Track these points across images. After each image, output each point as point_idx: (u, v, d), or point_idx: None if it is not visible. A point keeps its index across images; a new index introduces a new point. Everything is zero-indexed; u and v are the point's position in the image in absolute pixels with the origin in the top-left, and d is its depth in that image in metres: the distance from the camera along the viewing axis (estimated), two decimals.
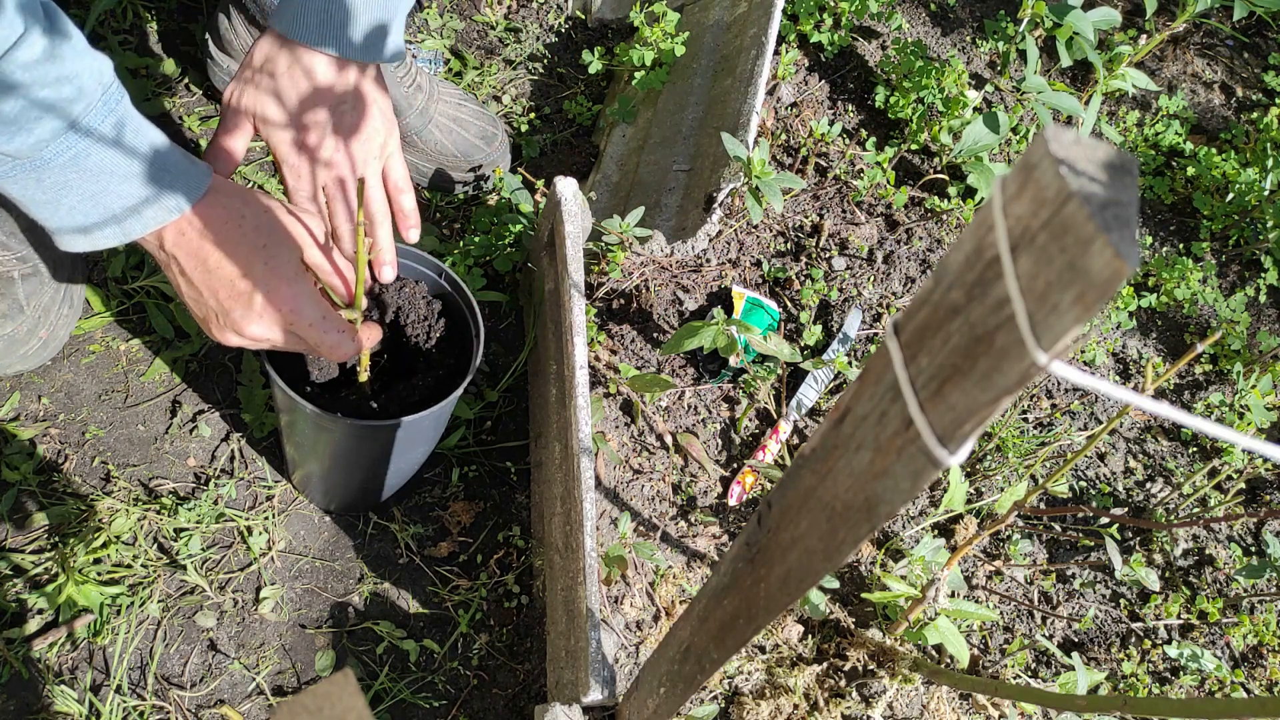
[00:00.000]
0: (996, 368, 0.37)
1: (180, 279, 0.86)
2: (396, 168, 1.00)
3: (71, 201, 0.79)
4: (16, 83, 0.71)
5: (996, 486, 1.35)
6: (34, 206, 0.79)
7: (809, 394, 1.33)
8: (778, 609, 0.59)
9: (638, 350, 1.31)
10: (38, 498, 1.17)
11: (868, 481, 0.47)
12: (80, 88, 0.75)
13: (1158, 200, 1.73)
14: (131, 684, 1.11)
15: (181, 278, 0.86)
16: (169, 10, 1.48)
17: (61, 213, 0.79)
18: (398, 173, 1.00)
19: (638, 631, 1.13)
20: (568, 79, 1.72)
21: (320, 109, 0.92)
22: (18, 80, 0.71)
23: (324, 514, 1.25)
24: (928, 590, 1.11)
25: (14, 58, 0.70)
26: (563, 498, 1.14)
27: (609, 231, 1.29)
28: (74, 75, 0.75)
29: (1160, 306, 1.60)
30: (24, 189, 0.77)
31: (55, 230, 0.81)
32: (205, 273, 0.84)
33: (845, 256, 1.44)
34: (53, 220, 0.80)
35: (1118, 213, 0.31)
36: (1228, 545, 1.43)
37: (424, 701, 1.17)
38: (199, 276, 0.85)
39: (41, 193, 0.78)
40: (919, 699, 1.18)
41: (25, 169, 0.76)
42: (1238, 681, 1.29)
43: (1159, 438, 1.49)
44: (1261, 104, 1.91)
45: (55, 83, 0.73)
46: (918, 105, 1.53)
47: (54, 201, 0.78)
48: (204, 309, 0.87)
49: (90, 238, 0.81)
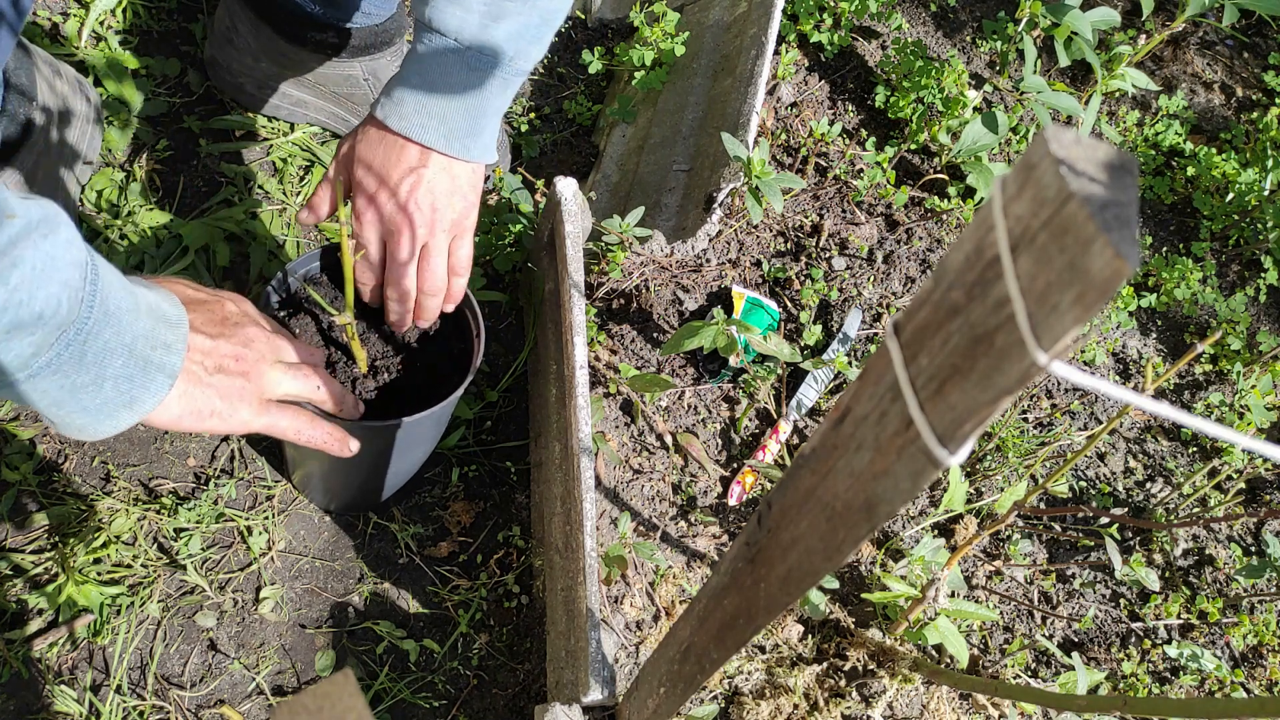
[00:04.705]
0: (996, 368, 0.37)
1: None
2: (463, 248, 1.03)
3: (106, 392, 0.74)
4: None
5: (996, 486, 1.35)
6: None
7: (809, 394, 1.33)
8: (778, 609, 0.59)
9: (638, 350, 1.31)
10: (38, 498, 1.17)
11: (868, 481, 0.47)
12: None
13: (1158, 200, 1.73)
14: (131, 684, 1.11)
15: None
16: (169, 10, 1.48)
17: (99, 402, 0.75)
18: (462, 253, 1.03)
19: (638, 631, 1.13)
20: (568, 79, 1.72)
21: (406, 176, 0.97)
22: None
23: (324, 514, 1.25)
24: (928, 590, 1.11)
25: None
26: (563, 498, 1.14)
27: (609, 231, 1.29)
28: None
29: (1160, 306, 1.60)
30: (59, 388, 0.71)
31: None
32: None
33: (845, 256, 1.44)
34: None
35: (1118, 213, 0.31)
36: (1228, 545, 1.43)
37: (424, 701, 1.17)
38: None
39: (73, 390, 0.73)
40: (919, 699, 1.18)
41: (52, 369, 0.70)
42: (1238, 681, 1.29)
43: (1159, 438, 1.49)
44: (1261, 104, 1.91)
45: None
46: (918, 105, 1.53)
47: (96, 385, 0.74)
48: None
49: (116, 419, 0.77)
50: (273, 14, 1.30)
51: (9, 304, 0.63)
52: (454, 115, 0.96)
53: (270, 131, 1.44)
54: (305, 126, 1.46)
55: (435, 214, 0.98)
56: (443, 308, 1.06)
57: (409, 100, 0.96)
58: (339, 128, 1.45)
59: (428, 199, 0.97)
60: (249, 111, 1.44)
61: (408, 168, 0.97)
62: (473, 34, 0.92)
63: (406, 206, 0.97)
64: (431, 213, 0.98)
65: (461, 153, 0.98)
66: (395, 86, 0.97)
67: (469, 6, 0.91)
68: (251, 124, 1.43)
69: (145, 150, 1.37)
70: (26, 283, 0.64)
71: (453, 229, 1.01)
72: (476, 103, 0.97)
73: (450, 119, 0.96)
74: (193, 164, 1.39)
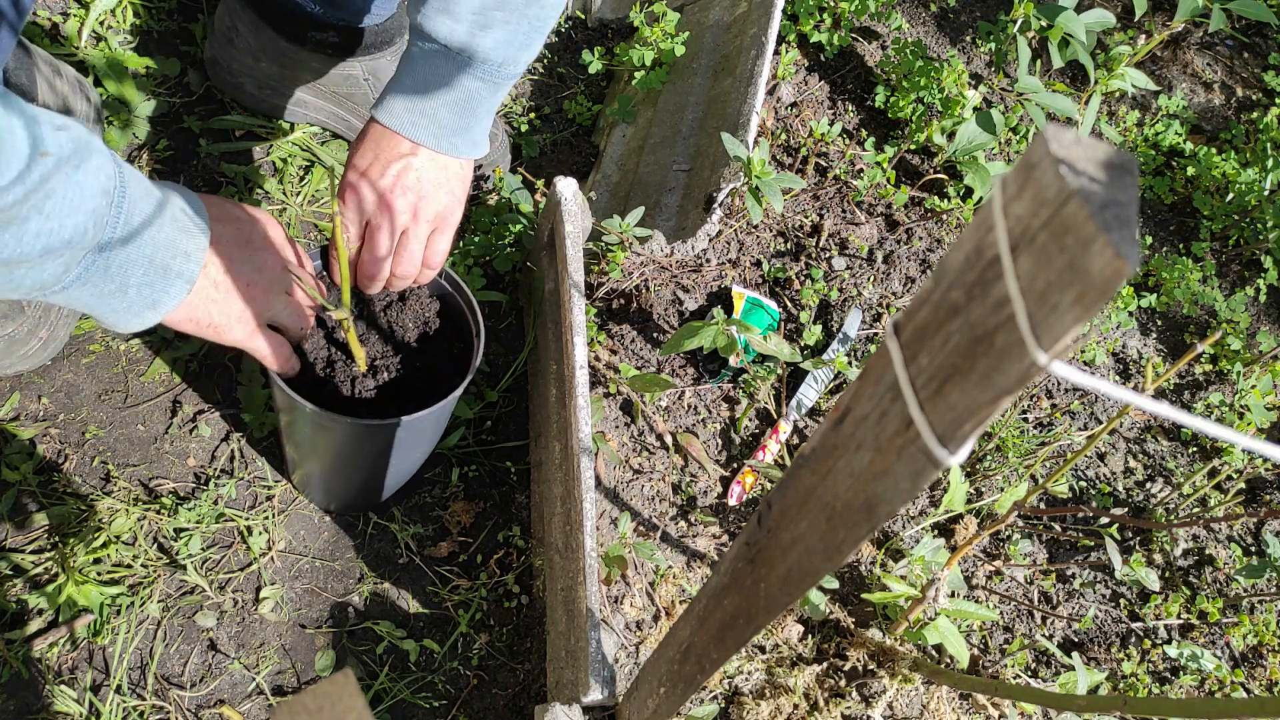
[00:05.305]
0: (996, 368, 0.37)
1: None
2: (441, 242, 1.05)
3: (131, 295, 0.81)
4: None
5: (996, 486, 1.35)
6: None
7: (809, 394, 1.33)
8: (778, 609, 0.59)
9: (638, 350, 1.31)
10: (38, 498, 1.17)
11: (868, 481, 0.47)
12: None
13: (1158, 200, 1.73)
14: (131, 684, 1.11)
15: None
16: (169, 10, 1.48)
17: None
18: (438, 246, 1.06)
19: (638, 631, 1.13)
20: (568, 79, 1.72)
21: (394, 162, 1.00)
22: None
23: (324, 514, 1.25)
24: (928, 590, 1.11)
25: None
26: (563, 498, 1.14)
27: (609, 231, 1.29)
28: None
29: (1160, 306, 1.60)
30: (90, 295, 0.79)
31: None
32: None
33: (845, 256, 1.44)
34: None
35: (1118, 213, 0.31)
36: (1228, 545, 1.43)
37: (424, 701, 1.17)
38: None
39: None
40: (919, 699, 1.18)
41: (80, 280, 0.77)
42: (1238, 681, 1.29)
43: (1159, 438, 1.49)
44: (1261, 104, 1.91)
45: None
46: (917, 105, 1.53)
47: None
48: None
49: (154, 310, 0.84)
50: (273, 14, 1.30)
51: (43, 231, 0.70)
52: (444, 114, 1.00)
53: (270, 131, 1.44)
54: (305, 126, 1.46)
55: (421, 200, 1.01)
56: (404, 292, 1.10)
57: (401, 100, 0.99)
58: (339, 127, 1.45)
59: (415, 185, 1.00)
60: (249, 111, 1.44)
61: (398, 154, 1.00)
62: (461, 41, 0.96)
63: (393, 189, 1.00)
64: (417, 198, 1.01)
65: (451, 150, 1.01)
66: (390, 87, 1.01)
67: (458, 16, 0.94)
68: (251, 124, 1.43)
69: (145, 150, 1.37)
70: (58, 211, 0.70)
71: (436, 220, 1.03)
72: (466, 103, 1.00)
73: (440, 118, 1.00)
74: (193, 164, 1.39)
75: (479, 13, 0.94)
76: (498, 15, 0.95)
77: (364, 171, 1.00)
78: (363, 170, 1.00)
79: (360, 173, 1.00)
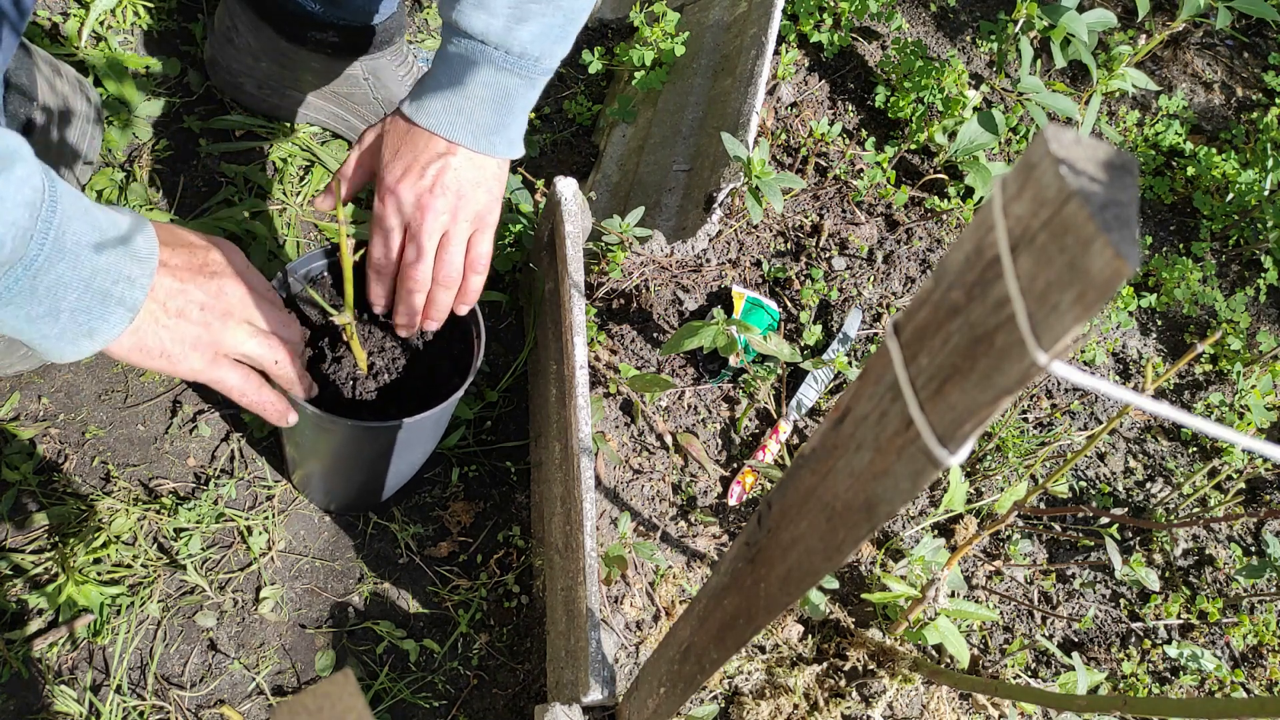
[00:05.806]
0: (996, 368, 0.37)
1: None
2: (483, 243, 1.03)
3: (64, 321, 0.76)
4: None
5: (996, 486, 1.35)
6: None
7: (809, 394, 1.33)
8: (778, 609, 0.59)
9: (638, 350, 1.31)
10: (38, 498, 1.17)
11: (868, 481, 0.47)
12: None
13: (1158, 200, 1.73)
14: (131, 684, 1.11)
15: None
16: (169, 10, 1.48)
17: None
18: (482, 249, 1.03)
19: (638, 631, 1.13)
20: (568, 79, 1.72)
21: (433, 162, 0.98)
22: None
23: (324, 514, 1.25)
24: (928, 590, 1.11)
25: None
26: (563, 498, 1.14)
27: (609, 231, 1.29)
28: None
29: (1160, 306, 1.60)
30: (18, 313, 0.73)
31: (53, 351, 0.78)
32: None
33: (845, 256, 1.44)
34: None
35: (1118, 213, 0.31)
36: (1228, 545, 1.43)
37: (424, 701, 1.17)
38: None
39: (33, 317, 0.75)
40: (919, 699, 1.18)
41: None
42: (1238, 681, 1.29)
43: (1159, 438, 1.49)
44: (1261, 104, 1.91)
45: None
46: (918, 105, 1.53)
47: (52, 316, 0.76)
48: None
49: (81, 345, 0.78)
50: (273, 13, 1.30)
51: None
52: (481, 113, 0.98)
53: (270, 131, 1.44)
54: (305, 126, 1.46)
55: (460, 200, 0.99)
56: (455, 307, 1.06)
57: (437, 98, 0.97)
58: (339, 127, 1.45)
59: (454, 185, 0.98)
60: (249, 111, 1.44)
61: (435, 154, 0.98)
62: (498, 36, 0.94)
63: (432, 190, 0.98)
64: (456, 199, 0.99)
65: (488, 149, 0.99)
66: (423, 85, 0.99)
67: (494, 10, 0.93)
68: (251, 124, 1.43)
69: (145, 150, 1.37)
70: None
71: (475, 221, 1.02)
72: (503, 101, 0.98)
73: (477, 117, 0.98)
74: (193, 164, 1.39)
75: (515, 6, 0.93)
76: (533, 8, 0.93)
77: (402, 174, 0.98)
78: (400, 173, 0.98)
79: (398, 176, 0.98)
